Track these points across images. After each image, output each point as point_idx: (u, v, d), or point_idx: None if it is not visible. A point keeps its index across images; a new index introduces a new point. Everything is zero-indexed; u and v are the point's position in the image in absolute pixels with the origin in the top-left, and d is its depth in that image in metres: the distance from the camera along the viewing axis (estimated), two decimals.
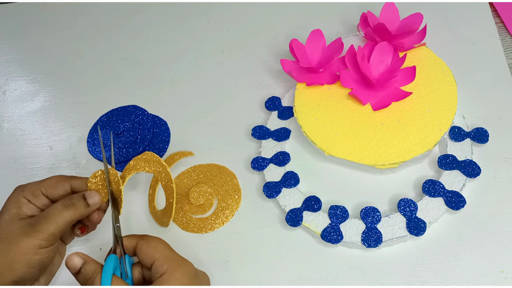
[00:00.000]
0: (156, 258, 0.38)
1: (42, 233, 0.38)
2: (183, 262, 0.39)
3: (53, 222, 0.39)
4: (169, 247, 0.40)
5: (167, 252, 0.39)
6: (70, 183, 0.43)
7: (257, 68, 0.62)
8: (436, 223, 0.46)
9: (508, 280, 0.43)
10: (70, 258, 0.38)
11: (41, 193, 0.42)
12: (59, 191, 0.42)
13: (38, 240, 0.38)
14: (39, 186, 0.42)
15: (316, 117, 0.52)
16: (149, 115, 0.60)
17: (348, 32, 0.63)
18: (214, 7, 0.71)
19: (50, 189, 0.42)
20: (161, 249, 0.39)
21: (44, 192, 0.42)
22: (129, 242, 0.40)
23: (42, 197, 0.42)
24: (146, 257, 0.39)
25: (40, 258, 0.39)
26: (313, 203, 0.48)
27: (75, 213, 0.40)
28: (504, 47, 0.59)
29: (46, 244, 0.39)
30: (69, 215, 0.40)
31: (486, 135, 0.49)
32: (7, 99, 0.67)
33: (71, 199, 0.41)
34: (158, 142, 0.58)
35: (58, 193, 0.42)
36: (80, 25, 0.73)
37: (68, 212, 0.40)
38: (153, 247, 0.39)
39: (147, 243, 0.39)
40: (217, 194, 0.52)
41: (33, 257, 0.38)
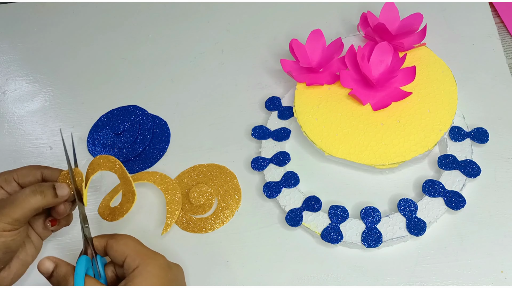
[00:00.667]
0: (127, 254, 0.38)
1: (6, 217, 0.38)
2: (154, 255, 0.39)
3: (18, 207, 0.39)
4: (139, 242, 0.40)
5: (137, 247, 0.39)
6: (42, 171, 0.44)
7: (257, 68, 0.62)
8: (436, 223, 0.46)
9: (508, 280, 0.43)
10: (42, 262, 0.38)
11: (13, 179, 0.43)
12: (30, 179, 0.43)
13: (2, 224, 0.38)
14: (11, 173, 0.43)
15: (316, 117, 0.52)
16: (149, 115, 0.60)
17: (348, 32, 0.63)
18: (214, 7, 0.71)
19: (22, 176, 0.43)
20: (131, 245, 0.39)
21: (16, 179, 0.43)
22: (99, 242, 0.40)
23: (14, 183, 0.43)
24: (117, 254, 0.39)
25: (5, 241, 0.39)
26: (313, 203, 0.48)
27: (41, 200, 0.40)
28: (504, 47, 0.59)
29: (10, 228, 0.39)
30: (36, 202, 0.40)
31: (486, 135, 0.49)
32: (7, 99, 0.67)
33: (41, 186, 0.41)
34: (158, 142, 0.58)
35: (29, 180, 0.43)
36: (80, 25, 0.73)
37: (35, 198, 0.40)
38: (124, 244, 0.39)
39: (117, 241, 0.39)
40: (217, 194, 0.52)
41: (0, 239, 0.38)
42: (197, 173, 0.54)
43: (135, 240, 0.40)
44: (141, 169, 0.56)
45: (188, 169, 0.55)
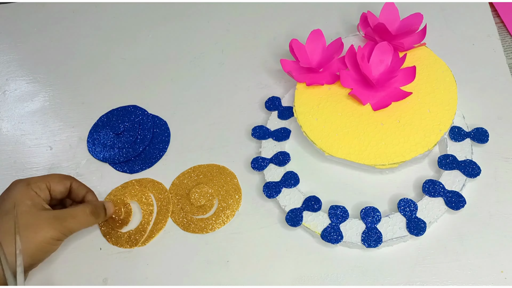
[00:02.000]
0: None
1: (67, 230, 0.44)
2: None
3: (78, 223, 0.45)
4: None
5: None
6: (71, 182, 0.48)
7: (257, 68, 0.62)
8: (436, 223, 0.46)
9: (508, 280, 0.43)
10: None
11: (46, 187, 0.46)
12: (60, 188, 0.47)
13: (59, 234, 0.43)
14: (44, 181, 0.46)
15: (316, 117, 0.52)
16: (149, 115, 0.60)
17: (348, 32, 0.63)
18: (214, 7, 0.71)
19: (54, 184, 0.47)
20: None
21: (48, 186, 0.46)
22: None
23: (47, 191, 0.46)
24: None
25: (54, 248, 0.44)
26: (313, 203, 0.48)
27: (96, 221, 0.47)
28: (504, 47, 0.59)
29: (63, 238, 0.44)
30: (92, 222, 0.46)
31: (486, 135, 0.49)
32: (7, 99, 0.67)
33: (97, 208, 0.47)
34: (158, 142, 0.58)
35: (59, 189, 0.47)
36: (80, 25, 0.73)
37: (92, 219, 0.46)
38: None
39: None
40: (218, 194, 0.52)
41: (51, 247, 0.43)
42: (197, 173, 0.54)
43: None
44: (141, 169, 0.56)
45: (188, 169, 0.55)
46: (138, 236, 0.50)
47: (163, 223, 0.51)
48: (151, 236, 0.51)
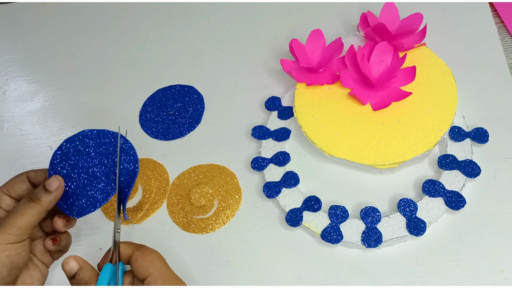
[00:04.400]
0: (151, 273, 0.37)
1: (10, 228, 0.38)
2: (177, 282, 0.38)
3: (19, 217, 0.38)
4: (165, 263, 0.39)
5: (162, 268, 0.38)
6: (27, 175, 0.43)
7: (257, 68, 0.62)
8: (436, 223, 0.46)
9: (508, 280, 0.43)
10: (67, 261, 0.37)
11: (3, 193, 0.42)
12: (19, 186, 0.42)
13: (6, 235, 0.37)
14: (1, 188, 0.42)
15: (316, 117, 0.52)
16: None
17: (348, 32, 0.63)
18: (214, 7, 0.71)
19: (11, 188, 0.42)
20: (157, 264, 0.38)
21: (6, 192, 0.42)
22: (125, 250, 0.39)
23: (5, 197, 0.42)
24: (141, 270, 0.38)
25: (9, 255, 0.38)
26: (313, 203, 0.48)
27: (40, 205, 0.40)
28: (504, 47, 0.59)
29: (14, 239, 0.38)
30: (35, 208, 0.39)
31: (486, 135, 0.49)
32: (7, 99, 0.67)
33: (34, 192, 0.40)
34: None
35: (19, 187, 0.42)
36: (80, 25, 0.73)
37: (32, 205, 0.39)
38: (149, 260, 0.38)
39: (143, 256, 0.38)
40: (218, 194, 0.52)
41: (1, 253, 0.37)
42: (197, 173, 0.54)
43: (162, 259, 0.39)
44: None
45: (188, 169, 0.55)
46: (134, 214, 0.51)
47: (159, 203, 0.53)
48: (146, 215, 0.52)
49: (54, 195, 0.41)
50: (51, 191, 0.40)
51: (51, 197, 0.41)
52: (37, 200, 0.40)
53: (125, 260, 0.39)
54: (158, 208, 0.52)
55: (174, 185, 0.54)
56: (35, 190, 0.41)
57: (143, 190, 0.54)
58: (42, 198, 0.40)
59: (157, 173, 0.55)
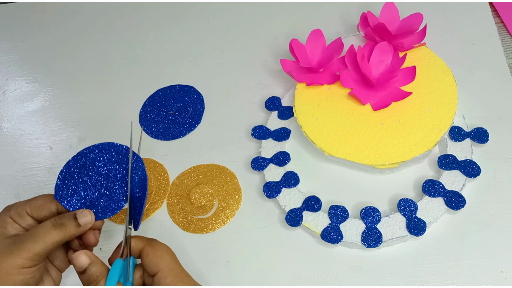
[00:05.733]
0: (161, 268, 0.37)
1: (27, 252, 0.36)
2: (187, 278, 0.38)
3: (39, 242, 0.37)
4: (175, 258, 0.39)
5: (172, 264, 0.38)
6: (56, 204, 0.41)
7: (257, 68, 0.62)
8: (436, 223, 0.46)
9: (508, 280, 0.43)
10: (77, 255, 0.37)
11: (26, 213, 0.40)
12: (45, 213, 0.40)
13: (22, 259, 0.36)
14: (24, 207, 0.40)
15: (316, 117, 0.52)
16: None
17: (348, 32, 0.63)
18: (214, 7, 0.71)
19: (36, 210, 0.40)
20: (167, 260, 0.38)
21: (29, 213, 0.40)
22: (136, 245, 0.39)
23: (28, 217, 0.40)
24: (151, 265, 0.38)
25: (23, 279, 0.37)
26: (313, 203, 0.48)
27: (64, 234, 0.38)
28: (504, 47, 0.59)
29: (29, 264, 0.36)
30: (58, 235, 0.38)
31: (486, 135, 0.49)
32: (7, 99, 0.67)
33: (61, 218, 0.39)
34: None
35: (44, 214, 0.40)
36: (80, 25, 0.73)
37: (56, 232, 0.38)
38: (159, 256, 0.38)
39: (154, 250, 0.38)
40: (218, 194, 0.52)
41: (16, 277, 0.36)
42: (197, 173, 0.54)
43: (172, 254, 0.39)
44: None
45: (188, 169, 0.55)
46: None
47: (159, 203, 0.52)
48: (146, 215, 0.52)
49: (81, 230, 0.40)
50: (81, 224, 0.39)
51: (79, 230, 0.39)
52: (63, 229, 0.38)
53: (136, 254, 0.39)
54: (158, 208, 0.52)
55: (174, 185, 0.54)
56: (64, 216, 0.39)
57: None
58: (68, 227, 0.39)
59: (157, 173, 0.55)
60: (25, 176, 0.58)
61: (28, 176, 0.58)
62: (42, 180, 0.57)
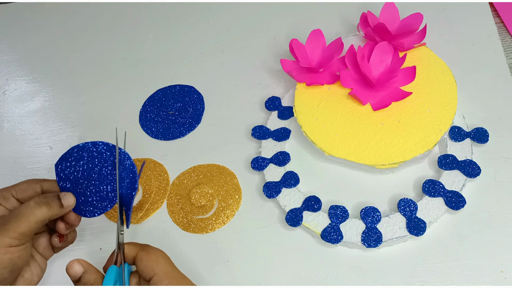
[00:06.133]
0: (156, 272, 0.37)
1: (13, 232, 0.37)
2: (183, 280, 0.38)
3: (24, 221, 0.37)
4: (170, 261, 0.39)
5: (168, 267, 0.38)
6: (41, 185, 0.42)
7: (257, 68, 0.62)
8: (436, 223, 0.46)
9: (508, 280, 0.43)
10: (71, 265, 0.37)
11: (11, 195, 0.41)
12: (30, 193, 0.41)
13: (8, 239, 0.37)
14: (9, 190, 0.41)
15: (316, 117, 0.52)
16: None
17: (348, 32, 0.63)
18: (214, 7, 0.71)
19: (21, 192, 0.41)
20: (162, 263, 0.38)
21: (15, 195, 0.41)
22: (130, 251, 0.39)
23: (13, 199, 0.41)
24: (146, 269, 0.38)
25: (11, 257, 0.37)
26: (313, 203, 0.48)
27: (47, 212, 0.39)
28: (504, 47, 0.59)
29: (16, 243, 0.37)
30: (41, 214, 0.38)
31: (486, 135, 0.49)
32: (7, 99, 0.67)
33: (45, 197, 0.39)
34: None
35: (29, 195, 0.41)
36: (80, 25, 0.73)
37: (40, 210, 0.38)
38: (154, 260, 0.38)
39: (148, 255, 0.38)
40: (218, 194, 0.52)
41: (3, 256, 0.37)
42: (197, 173, 0.54)
43: (166, 258, 0.39)
44: None
45: (188, 169, 0.55)
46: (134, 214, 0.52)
47: (159, 203, 0.53)
48: (146, 215, 0.52)
49: (63, 211, 0.40)
50: (64, 205, 0.40)
51: (61, 211, 0.40)
52: (47, 206, 0.39)
53: (130, 261, 0.39)
54: (158, 208, 0.52)
55: (174, 185, 0.54)
56: (47, 196, 0.40)
57: (143, 190, 0.54)
58: (52, 206, 0.39)
59: (157, 173, 0.55)
60: (25, 176, 0.58)
61: (28, 176, 0.58)
62: None
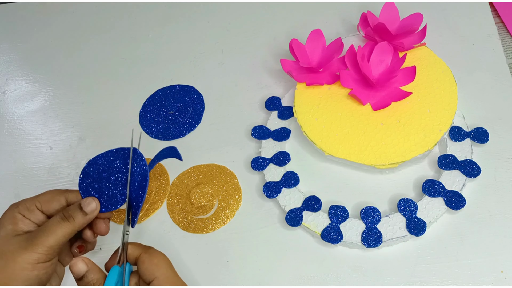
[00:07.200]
0: (157, 276, 0.38)
1: (41, 247, 0.37)
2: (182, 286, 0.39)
3: (51, 235, 0.38)
4: (171, 266, 0.39)
5: (168, 272, 0.39)
6: (65, 196, 0.42)
7: (257, 68, 0.62)
8: (436, 223, 0.46)
9: (508, 280, 0.43)
10: (75, 263, 0.37)
11: (36, 208, 0.41)
12: (54, 206, 0.41)
13: (37, 254, 0.37)
14: (33, 201, 0.41)
15: (316, 117, 0.52)
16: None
17: (348, 32, 0.63)
18: (214, 7, 0.71)
19: (45, 204, 0.41)
20: (163, 267, 0.38)
21: (39, 207, 0.41)
22: (133, 252, 0.39)
23: (38, 212, 0.41)
24: (147, 272, 0.38)
25: (38, 274, 0.37)
26: (313, 203, 0.48)
27: (73, 224, 0.39)
28: (504, 47, 0.59)
29: (44, 258, 0.38)
30: (67, 227, 0.39)
31: (486, 135, 0.49)
32: (7, 99, 0.67)
33: (68, 210, 0.40)
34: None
35: (54, 207, 0.41)
36: (80, 25, 0.73)
37: (66, 224, 0.39)
38: (156, 264, 0.38)
39: (150, 259, 0.39)
40: (218, 194, 0.52)
41: (31, 272, 0.37)
42: (197, 173, 0.54)
43: (168, 262, 0.39)
44: None
45: (188, 169, 0.55)
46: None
47: (159, 203, 0.53)
48: (146, 215, 0.52)
49: (89, 217, 0.41)
50: (87, 213, 0.40)
51: (86, 219, 0.41)
52: (71, 220, 0.39)
53: (132, 261, 0.40)
54: (158, 208, 0.52)
55: (174, 185, 0.54)
56: (70, 208, 0.40)
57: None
58: (76, 218, 0.40)
59: (157, 173, 0.55)
60: (25, 176, 0.58)
61: (28, 176, 0.58)
62: (42, 180, 0.57)
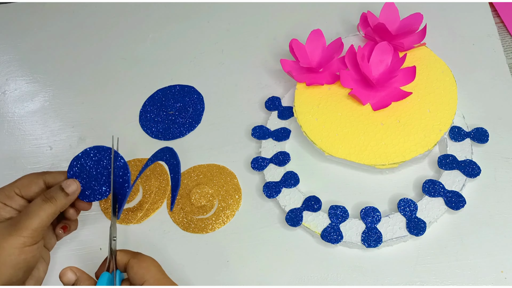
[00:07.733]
0: (146, 279, 0.38)
1: (26, 230, 0.38)
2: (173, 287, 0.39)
3: (35, 217, 0.38)
4: (160, 269, 0.39)
5: (158, 275, 0.39)
6: (43, 179, 0.42)
7: (257, 68, 0.62)
8: (436, 223, 0.46)
9: (508, 280, 0.43)
10: (64, 273, 0.38)
11: (15, 194, 0.41)
12: (34, 189, 0.42)
13: (22, 238, 0.37)
14: (12, 188, 0.41)
15: (316, 117, 0.52)
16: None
17: (348, 32, 0.63)
18: (214, 7, 0.71)
19: (24, 188, 0.41)
20: (152, 271, 0.38)
21: (18, 193, 0.41)
22: (121, 258, 0.40)
23: (17, 197, 0.41)
24: (137, 277, 0.38)
25: (25, 258, 0.38)
26: (313, 203, 0.48)
27: (55, 205, 0.40)
28: (504, 47, 0.59)
29: (30, 242, 0.38)
30: (50, 208, 0.39)
31: (486, 135, 0.49)
32: (7, 99, 0.67)
33: (50, 192, 0.40)
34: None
35: (33, 191, 0.42)
36: (80, 25, 0.73)
37: (48, 205, 0.39)
38: (145, 267, 0.38)
39: (139, 263, 0.39)
40: (218, 194, 0.52)
41: (18, 257, 0.37)
42: (197, 173, 0.54)
43: (157, 266, 0.39)
44: None
45: (188, 169, 0.55)
46: (134, 214, 0.52)
47: (159, 203, 0.53)
48: (146, 215, 0.52)
49: (70, 198, 0.41)
50: (68, 194, 0.41)
51: (68, 199, 0.41)
52: (53, 201, 0.40)
53: (122, 268, 0.40)
54: (158, 208, 0.53)
55: None
56: (51, 190, 0.41)
57: (143, 190, 0.54)
58: (58, 199, 0.40)
59: (157, 173, 0.55)
60: None
61: None
62: None
